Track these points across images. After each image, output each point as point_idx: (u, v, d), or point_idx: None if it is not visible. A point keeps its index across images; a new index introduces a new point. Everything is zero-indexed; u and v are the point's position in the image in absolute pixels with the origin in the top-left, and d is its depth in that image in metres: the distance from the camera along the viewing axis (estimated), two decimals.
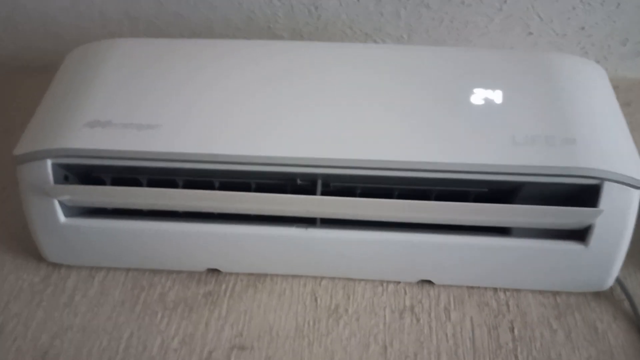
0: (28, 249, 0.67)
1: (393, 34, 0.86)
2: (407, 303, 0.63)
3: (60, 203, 0.60)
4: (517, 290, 0.64)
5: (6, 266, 0.67)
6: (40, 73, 0.79)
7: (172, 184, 0.61)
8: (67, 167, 0.60)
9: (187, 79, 0.64)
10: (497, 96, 0.61)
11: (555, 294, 0.63)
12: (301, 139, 0.58)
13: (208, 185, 0.60)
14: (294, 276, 0.66)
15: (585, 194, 0.56)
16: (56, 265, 0.67)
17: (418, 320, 0.62)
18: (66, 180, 0.61)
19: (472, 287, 0.64)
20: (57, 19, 0.89)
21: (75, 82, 0.65)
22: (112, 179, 0.62)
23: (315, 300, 0.64)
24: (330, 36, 0.87)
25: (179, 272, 0.66)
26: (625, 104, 0.74)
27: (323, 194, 0.59)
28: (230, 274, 0.66)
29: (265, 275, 0.66)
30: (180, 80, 0.64)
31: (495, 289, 0.64)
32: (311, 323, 0.62)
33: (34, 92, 0.70)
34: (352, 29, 0.86)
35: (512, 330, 0.61)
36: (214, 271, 0.66)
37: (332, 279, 0.65)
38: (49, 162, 0.58)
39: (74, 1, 0.86)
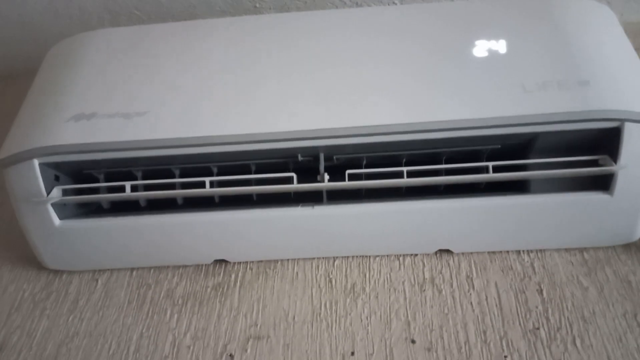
0: (27, 257, 0.64)
1: (385, 0, 0.83)
2: (427, 275, 0.60)
3: (54, 205, 0.57)
4: (542, 251, 0.60)
5: (4, 277, 0.64)
6: (25, 79, 0.76)
7: (168, 173, 0.58)
8: (56, 166, 0.57)
9: (171, 61, 0.61)
10: (501, 46, 0.57)
11: (582, 250, 0.60)
12: (297, 111, 0.55)
13: (206, 171, 0.57)
14: (305, 259, 0.62)
15: (605, 139, 0.52)
16: (57, 272, 0.64)
17: (440, 291, 0.58)
18: (57, 180, 0.58)
19: (493, 252, 0.61)
20: (35, 21, 0.85)
21: (56, 78, 0.62)
22: (105, 174, 0.59)
23: (330, 281, 0.61)
24: (321, 10, 0.83)
25: (185, 266, 0.63)
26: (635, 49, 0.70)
27: (327, 168, 0.55)
28: (239, 263, 0.63)
29: (276, 261, 0.63)
30: (163, 64, 0.61)
31: (518, 252, 0.61)
32: (328, 305, 0.58)
33: (20, 98, 0.66)
34: (342, 0, 0.82)
35: (540, 292, 0.57)
36: (221, 262, 0.63)
37: (346, 258, 0.62)
38: (36, 162, 0.55)
39: (51, 1, 0.82)
